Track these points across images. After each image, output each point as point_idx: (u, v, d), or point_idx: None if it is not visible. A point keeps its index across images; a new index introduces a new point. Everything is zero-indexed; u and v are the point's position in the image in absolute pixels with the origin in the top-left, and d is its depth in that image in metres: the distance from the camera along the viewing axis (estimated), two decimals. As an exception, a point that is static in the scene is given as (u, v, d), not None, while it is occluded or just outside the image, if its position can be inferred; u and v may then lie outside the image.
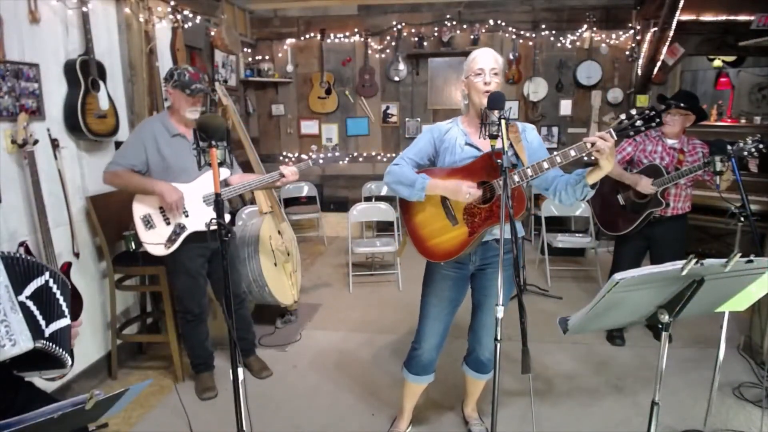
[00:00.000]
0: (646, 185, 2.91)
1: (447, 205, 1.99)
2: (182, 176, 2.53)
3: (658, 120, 1.62)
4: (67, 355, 1.49)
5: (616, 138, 1.64)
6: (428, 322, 2.11)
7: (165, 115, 2.61)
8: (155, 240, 2.49)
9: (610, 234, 3.25)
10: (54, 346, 1.43)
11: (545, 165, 1.77)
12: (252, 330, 3.06)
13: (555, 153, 1.77)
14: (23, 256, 1.50)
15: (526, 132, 2.01)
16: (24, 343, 1.34)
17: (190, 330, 2.73)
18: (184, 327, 2.74)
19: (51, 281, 1.50)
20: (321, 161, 2.73)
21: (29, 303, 1.42)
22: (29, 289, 1.44)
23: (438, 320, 2.10)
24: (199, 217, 2.52)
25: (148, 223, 2.51)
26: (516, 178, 1.82)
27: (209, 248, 2.63)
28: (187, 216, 2.53)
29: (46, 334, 1.42)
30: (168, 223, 2.51)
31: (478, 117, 1.95)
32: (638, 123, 1.64)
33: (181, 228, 2.41)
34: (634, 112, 1.65)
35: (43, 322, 1.43)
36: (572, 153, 1.71)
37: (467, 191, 1.85)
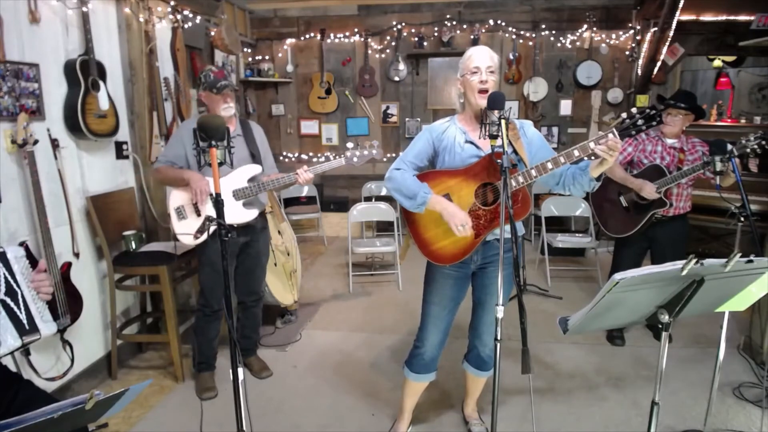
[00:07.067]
0: (650, 191, 2.91)
1: None
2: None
3: (658, 119, 1.69)
4: (40, 332, 1.45)
5: (618, 139, 1.69)
6: (430, 320, 2.12)
7: None
8: (186, 230, 2.57)
9: (615, 236, 3.25)
10: (37, 334, 1.40)
11: (549, 165, 1.80)
12: (258, 330, 3.08)
13: (558, 153, 1.79)
14: None
15: (525, 128, 2.01)
16: (12, 341, 1.32)
17: (204, 324, 2.74)
18: (199, 320, 2.75)
19: (4, 268, 1.45)
20: (355, 159, 2.55)
21: (8, 299, 1.38)
22: (2, 286, 1.40)
23: (440, 319, 2.11)
24: (228, 212, 2.53)
25: (180, 214, 2.59)
26: (521, 179, 1.83)
27: (237, 244, 2.68)
28: None
29: (27, 326, 1.40)
30: (199, 215, 2.56)
31: (475, 115, 1.96)
32: (639, 122, 1.69)
33: (210, 220, 2.42)
34: (634, 110, 1.71)
35: (22, 315, 1.41)
36: (576, 153, 1.76)
37: (460, 224, 1.85)
